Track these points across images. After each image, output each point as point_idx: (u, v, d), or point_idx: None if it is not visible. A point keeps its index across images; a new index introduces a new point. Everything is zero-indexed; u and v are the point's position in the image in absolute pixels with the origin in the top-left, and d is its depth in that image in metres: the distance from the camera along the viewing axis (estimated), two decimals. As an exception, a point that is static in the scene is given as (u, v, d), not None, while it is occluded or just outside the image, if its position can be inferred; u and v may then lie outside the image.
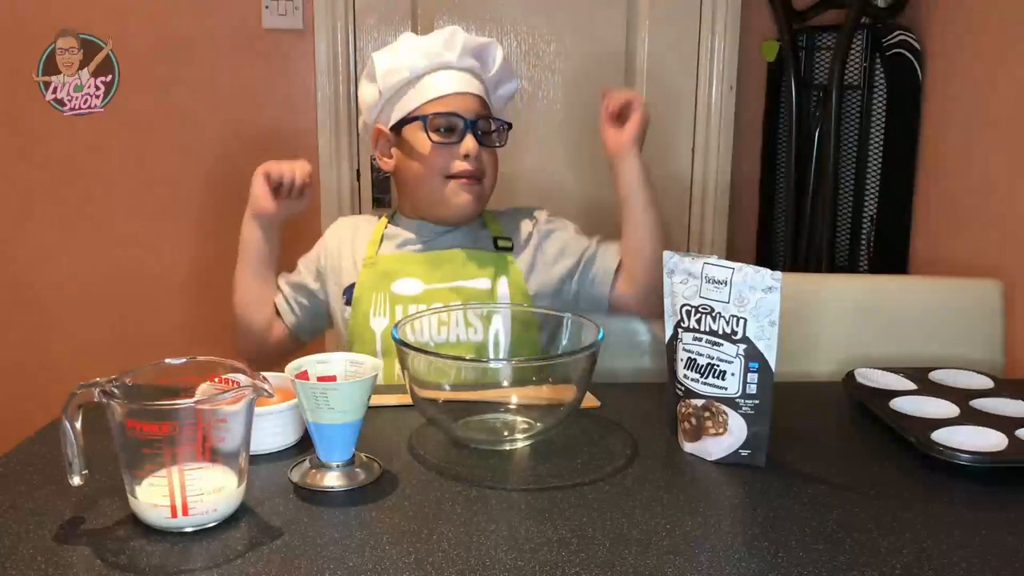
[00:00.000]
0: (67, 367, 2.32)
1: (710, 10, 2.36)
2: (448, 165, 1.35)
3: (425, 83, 1.35)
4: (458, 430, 1.02)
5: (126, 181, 2.29)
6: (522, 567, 0.74)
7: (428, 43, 1.35)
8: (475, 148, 1.34)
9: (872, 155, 2.20)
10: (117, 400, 0.77)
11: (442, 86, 1.35)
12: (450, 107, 1.34)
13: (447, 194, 1.36)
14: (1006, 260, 1.78)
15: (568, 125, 2.36)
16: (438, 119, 1.33)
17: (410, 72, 1.34)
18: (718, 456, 0.96)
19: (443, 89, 1.35)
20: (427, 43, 1.35)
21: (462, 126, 1.34)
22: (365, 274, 1.36)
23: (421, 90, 1.35)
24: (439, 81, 1.35)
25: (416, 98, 1.35)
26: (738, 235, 2.52)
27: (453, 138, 1.34)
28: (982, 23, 1.91)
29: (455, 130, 1.34)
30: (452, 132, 1.34)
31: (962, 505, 0.88)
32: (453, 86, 1.35)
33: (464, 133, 1.34)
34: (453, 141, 1.34)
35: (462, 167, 1.34)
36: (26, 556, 0.75)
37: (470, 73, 1.38)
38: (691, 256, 0.99)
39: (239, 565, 0.74)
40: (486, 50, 1.39)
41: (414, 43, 1.35)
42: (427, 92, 1.35)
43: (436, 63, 1.35)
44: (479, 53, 1.38)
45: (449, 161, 1.34)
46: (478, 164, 1.35)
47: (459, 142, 1.34)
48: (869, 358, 1.26)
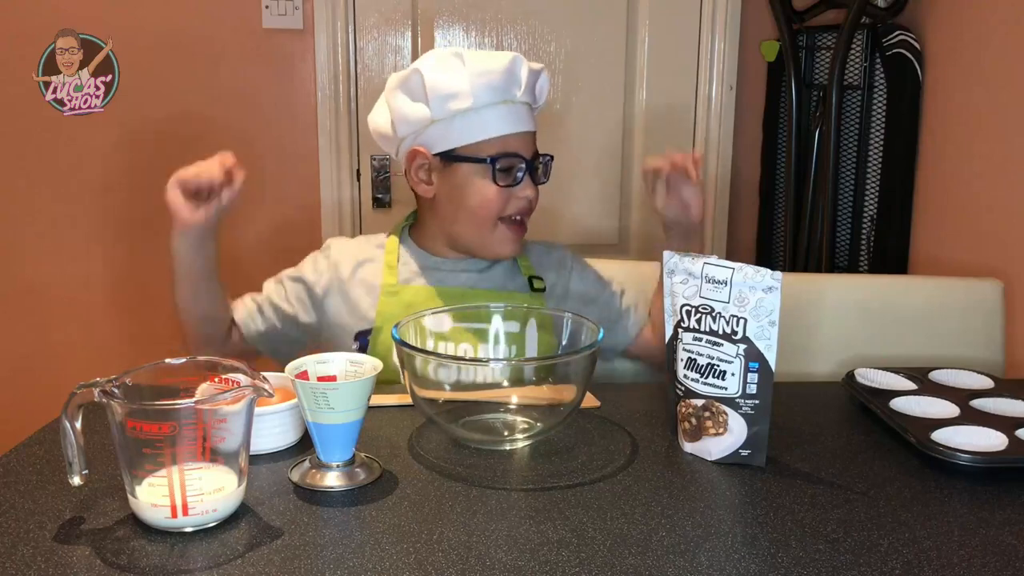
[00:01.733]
0: (67, 367, 2.32)
1: (710, 10, 2.36)
2: (505, 205, 1.28)
3: (489, 117, 1.25)
4: (458, 430, 1.02)
5: (126, 181, 2.29)
6: (522, 567, 0.74)
7: (493, 74, 1.23)
8: (534, 192, 1.29)
9: (872, 155, 2.20)
10: (117, 400, 0.77)
11: (508, 124, 1.26)
12: (514, 148, 1.26)
13: (494, 239, 1.30)
14: (1006, 260, 1.78)
15: (568, 125, 2.37)
16: (503, 162, 1.26)
17: (474, 102, 1.23)
18: (718, 456, 0.96)
19: (509, 128, 1.26)
20: (492, 73, 1.23)
21: (523, 168, 1.27)
22: (385, 303, 1.29)
23: (484, 124, 1.25)
24: (504, 118, 1.25)
25: (475, 131, 1.25)
26: (738, 235, 2.52)
27: (513, 181, 1.27)
28: (982, 23, 1.91)
29: (514, 171, 1.27)
30: (510, 173, 1.27)
31: (962, 505, 0.88)
32: (518, 125, 1.27)
33: (523, 176, 1.28)
34: (513, 184, 1.27)
35: (518, 208, 1.29)
36: (26, 556, 0.75)
37: (527, 107, 1.29)
38: (691, 256, 0.99)
39: (239, 565, 0.74)
40: (539, 79, 1.30)
41: (478, 68, 1.23)
42: (492, 128, 1.25)
43: (501, 97, 1.25)
44: (533, 84, 1.29)
45: (505, 203, 1.28)
46: (532, 205, 1.30)
47: (518, 184, 1.27)
48: (869, 358, 1.26)
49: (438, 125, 1.25)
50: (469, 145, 1.25)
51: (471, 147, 1.25)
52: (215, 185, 1.18)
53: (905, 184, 2.13)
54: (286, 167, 2.32)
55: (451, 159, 1.27)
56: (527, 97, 1.28)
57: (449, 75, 1.23)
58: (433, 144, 1.27)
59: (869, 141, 2.21)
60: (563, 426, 1.03)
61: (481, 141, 1.25)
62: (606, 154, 2.43)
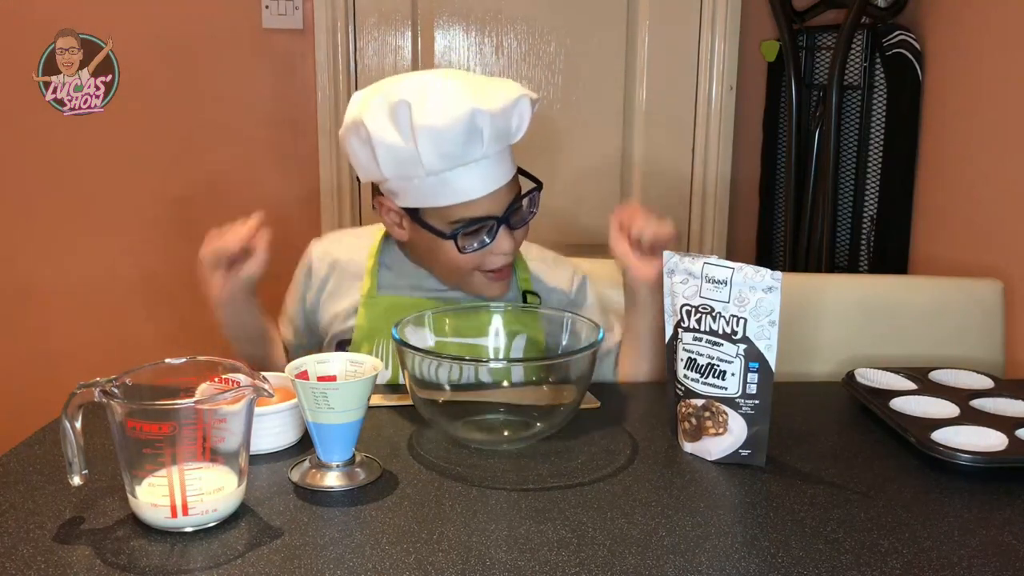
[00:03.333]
0: (67, 367, 2.32)
1: (710, 10, 2.36)
2: (480, 263, 1.18)
3: (448, 182, 1.12)
4: (458, 430, 1.02)
5: (126, 181, 2.29)
6: (522, 567, 0.74)
7: (444, 139, 1.07)
8: (510, 244, 1.18)
9: (872, 155, 2.20)
10: (117, 400, 0.77)
11: (471, 188, 1.13)
12: (481, 210, 1.14)
13: (476, 286, 1.22)
14: (1006, 260, 1.78)
15: (568, 125, 2.36)
16: (468, 229, 1.15)
17: (426, 171, 1.10)
18: (718, 456, 0.96)
19: (470, 193, 1.13)
20: (443, 138, 1.07)
21: (494, 226, 1.16)
22: (364, 314, 1.23)
23: (444, 188, 1.12)
24: (466, 183, 1.12)
25: (436, 196, 1.13)
26: (738, 235, 2.52)
27: (484, 239, 1.16)
28: (982, 23, 1.91)
29: (481, 234, 1.16)
30: (481, 233, 1.16)
31: (962, 505, 0.88)
32: (485, 187, 1.13)
33: (496, 231, 1.16)
34: (484, 244, 1.16)
35: (495, 264, 1.19)
36: (26, 556, 0.75)
37: (498, 154, 1.14)
38: (691, 256, 0.99)
39: (239, 565, 0.74)
40: (512, 114, 1.12)
41: (427, 129, 1.07)
42: (453, 194, 1.12)
43: (460, 161, 1.10)
44: (505, 122, 1.12)
45: (481, 260, 1.18)
46: (513, 254, 1.20)
47: (491, 242, 1.16)
48: (869, 358, 1.26)
49: (396, 183, 1.15)
50: (432, 209, 1.15)
51: (434, 211, 1.15)
52: (238, 254, 1.16)
53: (905, 184, 2.13)
54: (286, 167, 2.32)
55: (415, 219, 1.17)
56: (496, 146, 1.12)
57: (396, 136, 1.09)
58: (396, 196, 1.17)
59: (869, 141, 2.21)
60: (563, 426, 1.03)
61: (445, 208, 1.14)
62: (606, 154, 2.43)
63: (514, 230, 1.19)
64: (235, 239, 1.15)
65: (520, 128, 1.15)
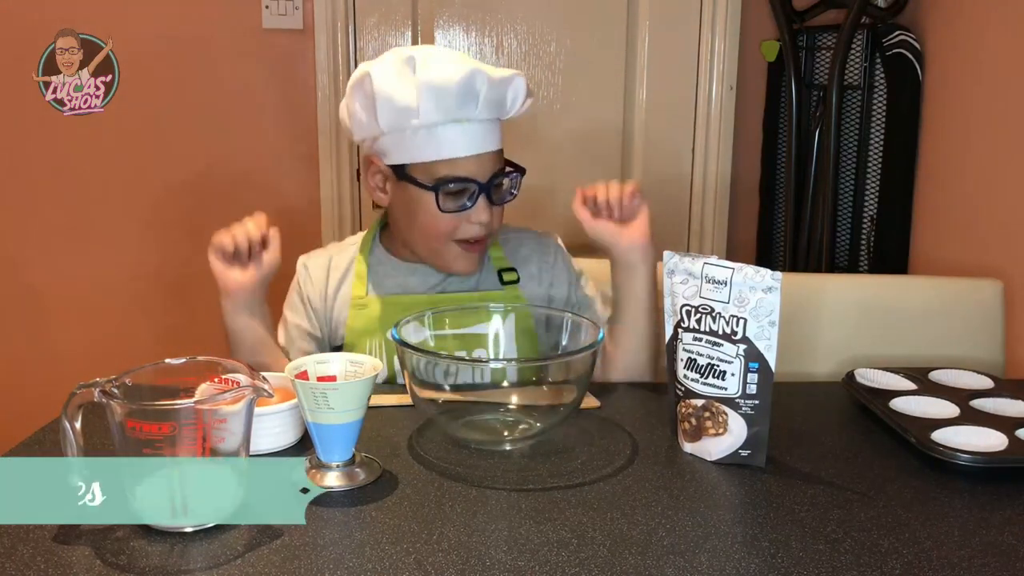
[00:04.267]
0: (67, 367, 2.32)
1: (710, 10, 2.36)
2: (455, 230, 1.20)
3: (438, 136, 1.16)
4: (458, 430, 1.02)
5: (126, 181, 2.29)
6: (522, 567, 0.74)
7: (444, 91, 1.13)
8: (488, 216, 1.20)
9: (872, 155, 2.20)
10: (117, 400, 0.77)
11: (458, 146, 1.17)
12: (464, 172, 1.17)
13: (448, 257, 1.23)
14: (1006, 260, 1.78)
15: (568, 124, 2.36)
16: (450, 187, 1.18)
17: (421, 121, 1.15)
18: (718, 456, 0.96)
19: (458, 150, 1.17)
20: (442, 90, 1.13)
21: (475, 191, 1.19)
22: (355, 317, 1.24)
23: (433, 142, 1.17)
24: (455, 140, 1.17)
25: (424, 150, 1.17)
26: (738, 235, 2.52)
27: (464, 203, 1.19)
28: (982, 23, 1.91)
29: (463, 196, 1.19)
30: (460, 198, 1.19)
31: (962, 505, 0.88)
32: (472, 146, 1.18)
33: (476, 198, 1.19)
34: (464, 207, 1.19)
35: (471, 233, 1.21)
36: (26, 556, 0.75)
37: (489, 122, 1.19)
38: (691, 256, 0.99)
39: (239, 565, 0.74)
40: (510, 88, 1.19)
41: (428, 80, 1.13)
42: (440, 148, 1.17)
43: (454, 116, 1.15)
44: (500, 93, 1.18)
45: (457, 225, 1.20)
46: (488, 228, 1.22)
47: (471, 207, 1.19)
48: (869, 358, 1.26)
49: (389, 137, 1.18)
50: (419, 164, 1.18)
51: (421, 166, 1.18)
52: (253, 245, 1.17)
53: (905, 184, 2.13)
54: (286, 167, 2.32)
55: (400, 175, 1.20)
56: (488, 113, 1.18)
57: (397, 85, 1.14)
58: (386, 155, 1.21)
59: (869, 141, 2.20)
60: (563, 426, 1.03)
61: (432, 163, 1.18)
62: (606, 154, 2.43)
63: (493, 205, 1.22)
64: (251, 230, 1.17)
65: (514, 105, 1.20)
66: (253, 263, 1.18)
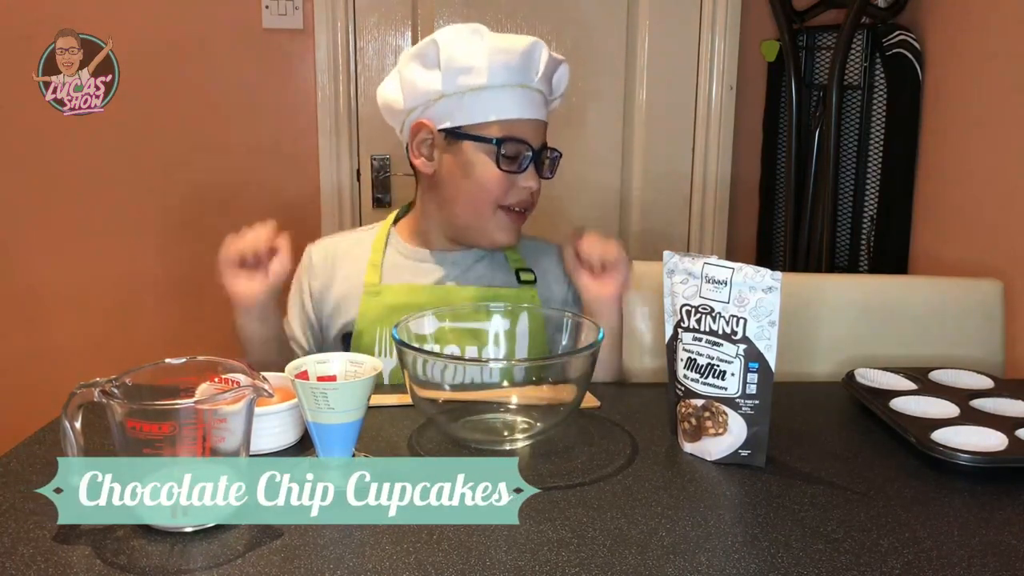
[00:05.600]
0: (67, 367, 2.32)
1: (710, 10, 2.36)
2: (505, 194, 1.24)
3: (501, 98, 1.22)
4: (458, 430, 1.02)
5: (126, 181, 2.29)
6: (522, 567, 0.74)
7: (511, 54, 1.21)
8: (537, 183, 1.25)
9: (872, 155, 2.20)
10: (117, 400, 0.77)
11: (519, 108, 1.23)
12: (522, 134, 1.23)
13: (492, 225, 1.26)
14: (1006, 260, 1.78)
15: (568, 124, 2.36)
16: (509, 146, 1.22)
17: (488, 80, 1.20)
18: (718, 456, 0.96)
19: (519, 112, 1.22)
20: (510, 54, 1.21)
21: (529, 156, 1.23)
22: (367, 303, 1.26)
23: (495, 104, 1.22)
24: (516, 102, 1.22)
25: (486, 111, 1.22)
26: (738, 235, 2.52)
27: (517, 167, 1.23)
28: (982, 23, 1.91)
29: (520, 159, 1.23)
30: (516, 161, 1.23)
31: (962, 505, 0.88)
32: (529, 111, 1.24)
33: (528, 164, 1.24)
34: (517, 171, 1.23)
35: (519, 199, 1.25)
36: (26, 556, 0.75)
37: (542, 95, 1.26)
38: (691, 256, 0.99)
39: (239, 565, 0.74)
40: (559, 70, 1.28)
41: (496, 45, 1.21)
42: (502, 110, 1.22)
43: (517, 80, 1.22)
44: (551, 73, 1.27)
45: (507, 190, 1.24)
46: (534, 197, 1.27)
47: (521, 172, 1.23)
48: (869, 358, 1.26)
49: (448, 100, 1.22)
50: (476, 124, 1.22)
51: (478, 127, 1.22)
52: (261, 255, 1.18)
53: (905, 184, 2.13)
54: (286, 167, 2.32)
55: (456, 136, 1.23)
56: (543, 85, 1.25)
57: (466, 49, 1.21)
58: (440, 119, 1.24)
59: (869, 141, 2.21)
60: (563, 426, 1.03)
61: (489, 122, 1.22)
62: (606, 154, 2.43)
63: (540, 177, 1.27)
64: (259, 238, 1.19)
65: (559, 87, 1.30)
66: (261, 272, 1.19)
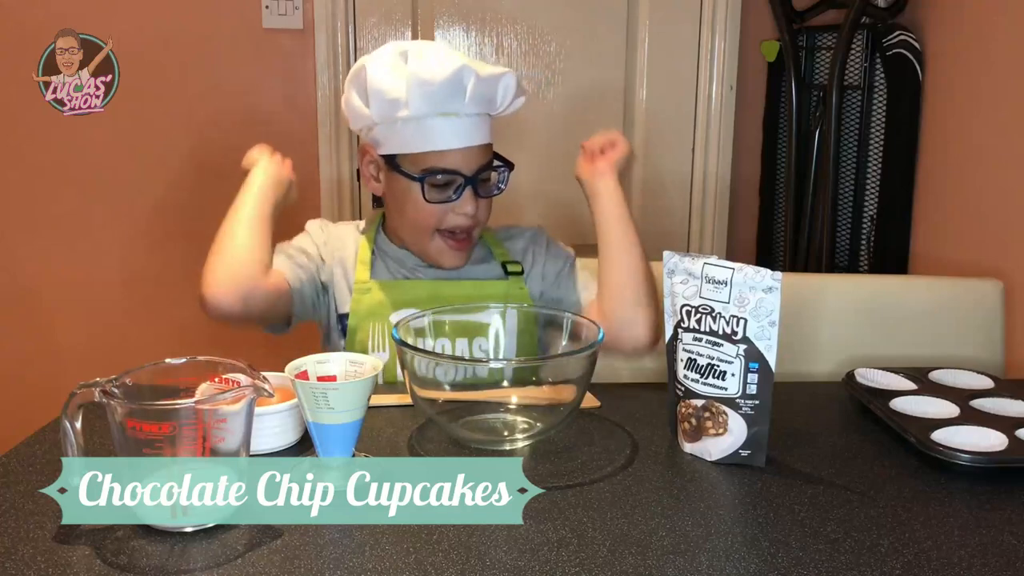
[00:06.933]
0: (67, 367, 2.32)
1: (710, 10, 2.36)
2: (440, 220, 1.24)
3: (426, 128, 1.20)
4: (458, 430, 1.02)
5: (126, 181, 2.29)
6: (522, 567, 0.74)
7: (432, 85, 1.17)
8: (473, 208, 1.24)
9: (872, 155, 2.20)
10: (117, 400, 0.77)
11: (445, 139, 1.21)
12: (450, 164, 1.21)
13: (432, 250, 1.27)
14: (1006, 260, 1.78)
15: (568, 124, 2.36)
16: (436, 178, 1.22)
17: (411, 113, 1.19)
18: (718, 456, 0.96)
19: (445, 143, 1.21)
20: (430, 84, 1.17)
21: (461, 183, 1.23)
22: (358, 301, 1.26)
23: (421, 134, 1.21)
24: (442, 132, 1.20)
25: (413, 141, 1.21)
26: (738, 235, 2.52)
27: (450, 195, 1.23)
28: (982, 23, 1.91)
29: (449, 188, 1.23)
30: (445, 190, 1.23)
31: (962, 505, 0.88)
32: (457, 140, 1.21)
33: (462, 190, 1.23)
34: (450, 199, 1.23)
35: (455, 223, 1.24)
36: (26, 556, 0.75)
37: (477, 117, 1.23)
38: (691, 256, 0.99)
39: (239, 565, 0.74)
40: (497, 84, 1.22)
41: (418, 75, 1.17)
42: (427, 141, 1.21)
43: (441, 110, 1.19)
44: (490, 89, 1.22)
45: (443, 216, 1.24)
46: (474, 220, 1.25)
47: (456, 199, 1.23)
48: (869, 358, 1.26)
49: (381, 127, 1.23)
50: (408, 155, 1.22)
51: (409, 157, 1.22)
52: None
53: (905, 184, 2.13)
54: (286, 167, 2.32)
55: (390, 165, 1.25)
56: (477, 108, 1.22)
57: (389, 78, 1.19)
58: (379, 144, 1.25)
59: (869, 141, 2.20)
60: (563, 426, 1.03)
61: (421, 154, 1.21)
62: (606, 154, 2.43)
63: (480, 198, 1.25)
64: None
65: (504, 101, 1.24)
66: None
